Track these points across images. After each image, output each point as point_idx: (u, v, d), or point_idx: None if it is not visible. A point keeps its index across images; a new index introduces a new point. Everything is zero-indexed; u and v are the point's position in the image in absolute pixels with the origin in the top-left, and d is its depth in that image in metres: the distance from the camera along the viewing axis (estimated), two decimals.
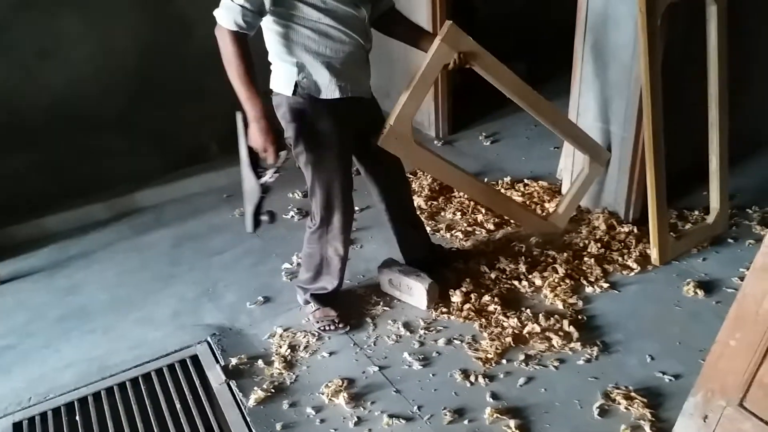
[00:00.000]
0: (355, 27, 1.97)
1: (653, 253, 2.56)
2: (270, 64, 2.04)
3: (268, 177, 1.98)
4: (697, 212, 2.87)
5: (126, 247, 3.07)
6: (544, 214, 2.94)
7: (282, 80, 2.00)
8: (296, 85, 1.97)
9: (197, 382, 2.23)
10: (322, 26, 1.91)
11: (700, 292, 2.41)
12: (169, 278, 2.80)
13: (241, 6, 1.80)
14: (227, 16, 1.82)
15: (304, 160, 2.10)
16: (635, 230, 2.74)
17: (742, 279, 2.43)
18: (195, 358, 2.34)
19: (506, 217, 2.88)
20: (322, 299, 2.40)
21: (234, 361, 2.27)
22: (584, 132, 2.71)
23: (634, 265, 2.56)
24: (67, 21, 3.08)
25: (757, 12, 2.83)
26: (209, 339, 2.41)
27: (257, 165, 2.01)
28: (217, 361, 2.29)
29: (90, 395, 2.21)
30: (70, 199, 3.31)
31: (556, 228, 2.78)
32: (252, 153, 1.98)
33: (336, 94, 2.01)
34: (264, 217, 2.04)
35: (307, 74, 1.97)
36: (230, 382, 2.19)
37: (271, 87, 2.05)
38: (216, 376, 2.22)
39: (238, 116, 1.97)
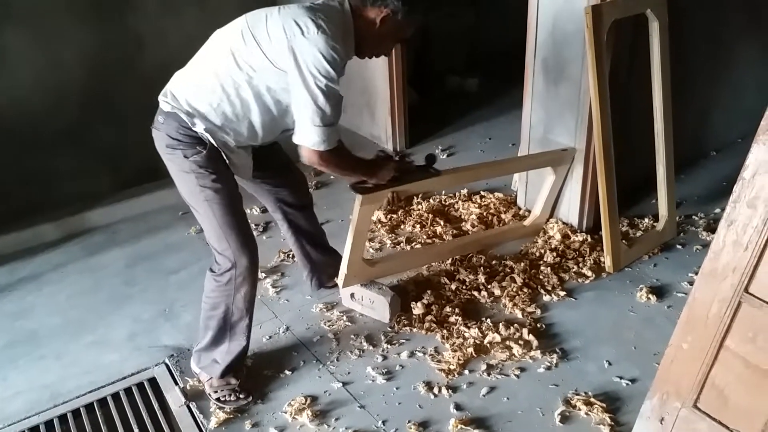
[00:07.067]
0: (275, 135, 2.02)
1: (607, 260, 2.63)
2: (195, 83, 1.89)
3: (411, 160, 2.38)
4: (647, 220, 2.96)
5: (78, 268, 2.97)
6: (517, 220, 3.04)
7: (199, 120, 1.85)
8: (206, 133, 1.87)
9: (156, 406, 2.18)
10: (268, 120, 1.90)
11: (653, 298, 2.49)
12: (124, 299, 2.72)
13: (333, 125, 1.83)
14: (331, 138, 1.83)
15: (204, 197, 1.90)
16: (589, 239, 2.81)
17: (691, 283, 2.52)
18: (153, 381, 2.28)
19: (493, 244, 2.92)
20: (225, 367, 2.10)
21: (193, 382, 2.22)
22: (538, 155, 2.79)
23: (589, 273, 2.63)
24: (11, 36, 2.99)
25: (696, 28, 2.97)
26: (167, 360, 2.35)
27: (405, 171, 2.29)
28: (176, 383, 2.24)
29: (42, 424, 2.12)
30: (18, 220, 3.19)
31: (539, 228, 2.92)
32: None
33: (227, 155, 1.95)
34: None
35: (219, 137, 1.89)
36: (190, 405, 2.14)
37: (173, 110, 1.85)
38: (175, 399, 2.17)
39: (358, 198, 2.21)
